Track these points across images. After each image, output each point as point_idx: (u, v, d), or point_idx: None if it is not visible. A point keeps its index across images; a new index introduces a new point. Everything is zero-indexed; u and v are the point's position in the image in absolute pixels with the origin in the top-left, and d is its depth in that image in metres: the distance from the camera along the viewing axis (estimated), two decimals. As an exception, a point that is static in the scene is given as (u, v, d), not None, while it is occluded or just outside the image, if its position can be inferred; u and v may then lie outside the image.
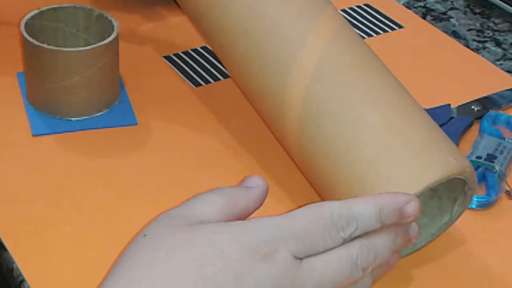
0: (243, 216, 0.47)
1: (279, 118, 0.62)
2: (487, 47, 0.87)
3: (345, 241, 0.45)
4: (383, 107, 0.57)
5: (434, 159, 0.55)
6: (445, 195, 0.59)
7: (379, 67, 0.61)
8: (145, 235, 0.45)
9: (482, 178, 0.67)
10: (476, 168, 0.68)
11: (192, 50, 0.81)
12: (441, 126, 0.72)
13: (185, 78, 0.77)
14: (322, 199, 0.61)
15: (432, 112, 0.72)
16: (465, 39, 0.88)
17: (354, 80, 0.59)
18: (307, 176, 0.63)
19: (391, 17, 0.89)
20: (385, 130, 0.56)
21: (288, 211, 0.46)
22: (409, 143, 0.56)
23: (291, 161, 0.66)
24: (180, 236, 0.44)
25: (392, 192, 0.49)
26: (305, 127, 0.59)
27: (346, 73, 0.59)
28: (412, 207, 0.48)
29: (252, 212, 0.48)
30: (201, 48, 0.81)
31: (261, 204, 0.48)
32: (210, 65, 0.79)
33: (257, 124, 0.70)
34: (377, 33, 0.87)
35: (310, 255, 0.44)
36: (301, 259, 0.44)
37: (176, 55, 0.80)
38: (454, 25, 0.90)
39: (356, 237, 0.46)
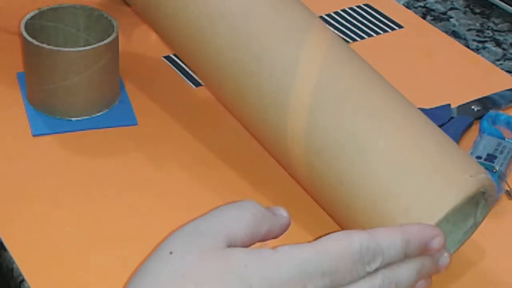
0: (266, 239, 0.47)
1: (285, 156, 0.61)
2: (487, 47, 0.87)
3: (369, 274, 0.45)
4: (389, 130, 0.56)
5: (450, 182, 0.54)
6: (468, 199, 0.56)
7: (377, 82, 0.59)
8: (171, 253, 0.43)
9: (482, 178, 0.67)
10: (476, 168, 0.68)
11: (192, 50, 0.81)
12: (441, 126, 0.72)
13: (185, 78, 0.77)
14: (340, 225, 0.60)
15: (432, 112, 0.72)
16: (465, 39, 0.88)
17: (354, 106, 0.57)
18: (322, 207, 0.62)
19: (391, 17, 0.89)
20: (394, 156, 0.55)
21: (313, 240, 0.45)
22: (421, 167, 0.54)
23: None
24: (210, 265, 0.42)
25: (419, 224, 0.48)
26: (312, 164, 0.58)
27: (344, 99, 0.57)
28: (437, 242, 0.47)
29: (273, 238, 0.47)
30: (201, 48, 0.81)
31: (282, 234, 0.48)
32: (210, 65, 0.79)
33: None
34: (377, 33, 0.87)
35: None
36: None
37: (176, 55, 0.80)
38: (454, 25, 0.90)
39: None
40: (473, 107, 0.75)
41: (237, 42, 0.62)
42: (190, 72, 0.78)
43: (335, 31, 0.86)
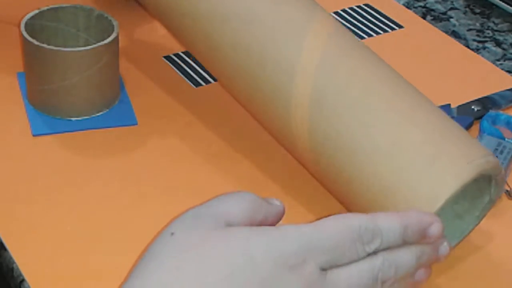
0: (262, 225, 0.47)
1: (291, 147, 0.62)
2: (487, 47, 0.87)
3: (368, 255, 0.46)
4: (390, 121, 0.57)
5: (447, 170, 0.55)
6: (479, 178, 0.57)
7: (380, 70, 0.60)
8: (172, 234, 0.44)
9: (482, 178, 0.67)
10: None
11: (192, 50, 0.81)
12: (441, 126, 0.72)
13: (185, 78, 0.77)
14: (347, 208, 0.62)
15: (432, 112, 0.72)
16: (465, 39, 0.88)
17: (354, 98, 0.58)
18: (333, 195, 0.63)
19: (391, 17, 0.89)
20: (394, 147, 0.56)
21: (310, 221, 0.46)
22: (420, 157, 0.55)
23: (290, 159, 0.66)
24: (211, 239, 0.43)
25: (417, 211, 0.49)
26: (317, 156, 0.59)
27: (344, 91, 0.58)
28: (435, 229, 0.48)
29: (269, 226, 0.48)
30: (201, 48, 0.81)
31: (277, 222, 0.49)
32: (210, 65, 0.79)
33: (257, 124, 0.70)
34: (377, 33, 0.87)
35: (334, 267, 0.45)
36: (325, 270, 0.44)
37: (176, 55, 0.80)
38: (454, 25, 0.90)
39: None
40: (473, 107, 0.75)
41: (243, 38, 0.62)
42: (190, 72, 0.78)
43: (335, 31, 0.86)
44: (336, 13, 0.89)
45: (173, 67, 0.79)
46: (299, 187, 0.66)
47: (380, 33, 0.87)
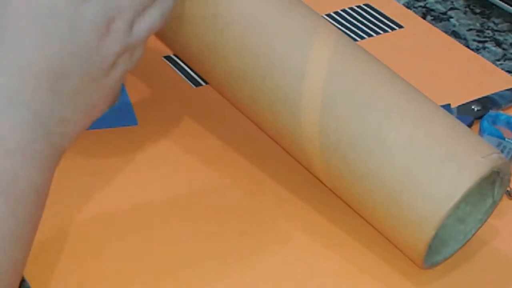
0: None
1: (302, 153, 0.62)
2: (487, 47, 0.87)
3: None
4: (399, 121, 0.57)
5: (462, 165, 0.55)
6: (484, 179, 0.58)
7: (385, 74, 0.60)
8: None
9: (482, 178, 0.67)
10: (476, 168, 0.68)
11: (192, 50, 0.81)
12: (441, 126, 0.72)
13: (185, 78, 0.77)
14: (360, 214, 0.62)
15: (432, 112, 0.72)
16: (465, 39, 0.88)
17: (363, 100, 0.58)
18: (341, 198, 0.63)
19: (391, 17, 0.89)
20: (406, 146, 0.56)
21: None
22: (433, 153, 0.56)
23: (291, 158, 0.66)
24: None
25: None
26: (328, 159, 0.60)
27: (354, 94, 0.59)
28: None
29: None
30: (201, 48, 0.81)
31: None
32: (210, 65, 0.79)
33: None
34: (377, 33, 0.87)
35: (136, 20, 0.51)
36: (132, 25, 0.51)
37: (176, 55, 0.80)
38: (454, 25, 0.90)
39: None
40: (473, 107, 0.75)
41: (246, 46, 0.62)
42: (190, 72, 0.78)
43: (335, 31, 0.86)
44: (336, 13, 0.89)
45: (173, 67, 0.79)
46: (300, 187, 0.66)
47: (380, 33, 0.87)
